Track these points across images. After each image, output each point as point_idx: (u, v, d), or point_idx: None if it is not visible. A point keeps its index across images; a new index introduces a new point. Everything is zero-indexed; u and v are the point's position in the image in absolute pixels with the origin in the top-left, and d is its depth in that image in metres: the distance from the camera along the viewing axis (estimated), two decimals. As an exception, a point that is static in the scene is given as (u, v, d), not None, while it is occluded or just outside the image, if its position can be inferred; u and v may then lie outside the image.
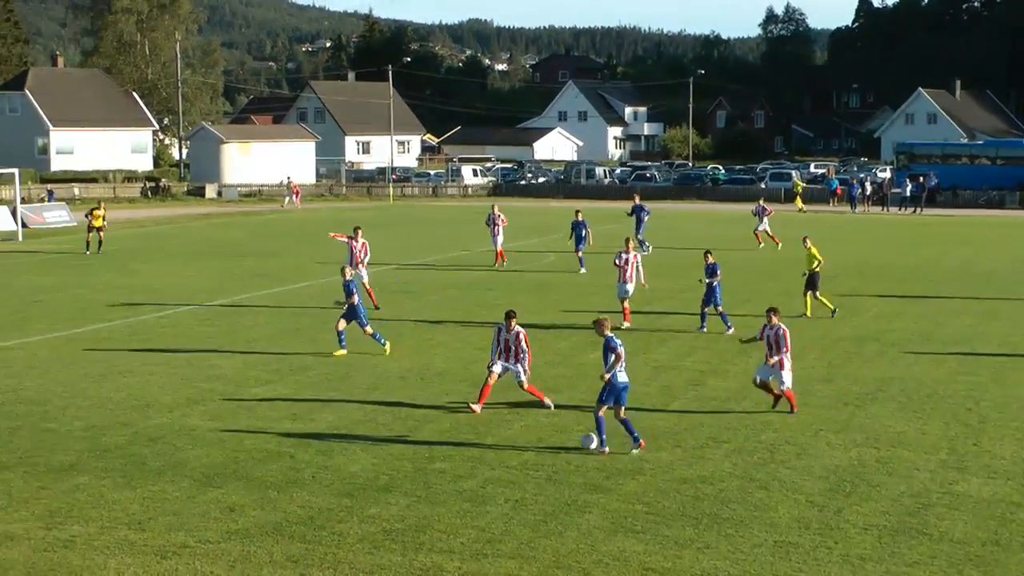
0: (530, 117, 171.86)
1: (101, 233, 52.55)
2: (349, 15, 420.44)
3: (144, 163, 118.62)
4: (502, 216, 47.04)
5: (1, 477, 18.04)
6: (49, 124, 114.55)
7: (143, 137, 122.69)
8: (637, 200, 52.33)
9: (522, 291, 39.02)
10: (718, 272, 30.92)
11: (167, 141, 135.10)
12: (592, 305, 34.50)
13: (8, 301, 37.67)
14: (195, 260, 49.05)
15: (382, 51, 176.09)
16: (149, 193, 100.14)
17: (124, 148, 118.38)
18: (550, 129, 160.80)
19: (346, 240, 35.65)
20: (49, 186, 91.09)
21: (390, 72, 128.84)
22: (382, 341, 27.93)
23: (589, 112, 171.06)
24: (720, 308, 30.98)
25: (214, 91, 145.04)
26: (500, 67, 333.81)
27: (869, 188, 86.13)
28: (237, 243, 57.55)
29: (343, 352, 27.72)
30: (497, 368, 22.13)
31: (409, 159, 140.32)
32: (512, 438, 20.27)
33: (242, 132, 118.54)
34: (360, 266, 35.19)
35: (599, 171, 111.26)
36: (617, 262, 32.40)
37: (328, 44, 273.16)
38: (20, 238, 60.74)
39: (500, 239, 46.54)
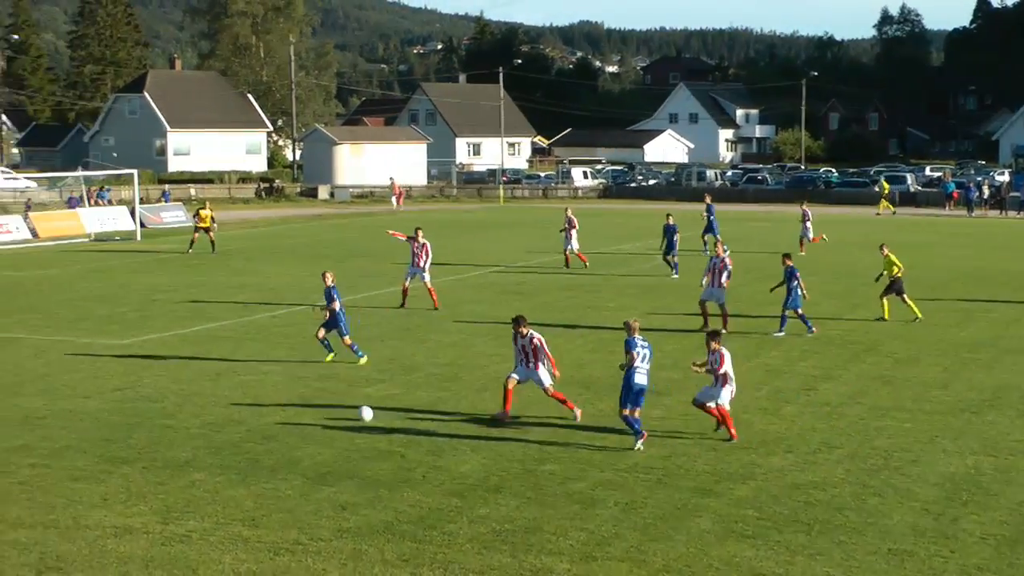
0: (641, 119, 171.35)
1: (211, 233, 53.29)
2: (460, 17, 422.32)
3: (258, 164, 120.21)
4: (575, 220, 46.74)
5: (121, 472, 18.37)
6: (167, 126, 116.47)
7: (257, 138, 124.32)
8: (708, 200, 52.42)
9: (630, 294, 38.90)
10: (796, 276, 30.62)
11: (281, 142, 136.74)
12: (694, 303, 34.26)
13: (127, 300, 38.35)
14: (307, 260, 49.53)
15: (493, 53, 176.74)
16: (263, 194, 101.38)
17: (239, 149, 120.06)
18: (661, 131, 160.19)
19: (405, 239, 35.89)
20: (166, 187, 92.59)
21: (501, 74, 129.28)
22: (359, 353, 26.84)
23: (700, 114, 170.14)
24: (800, 311, 30.66)
25: (327, 93, 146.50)
26: (611, 69, 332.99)
27: (986, 191, 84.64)
28: (348, 244, 58.03)
29: (332, 356, 26.91)
30: (515, 376, 21.73)
31: (519, 161, 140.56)
32: (622, 441, 20.21)
33: (354, 134, 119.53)
34: (421, 266, 35.58)
35: (710, 174, 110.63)
36: (711, 266, 32.14)
37: (439, 46, 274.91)
38: (139, 238, 61.81)
39: (574, 243, 46.26)
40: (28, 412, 22.32)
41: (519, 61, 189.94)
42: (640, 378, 19.91)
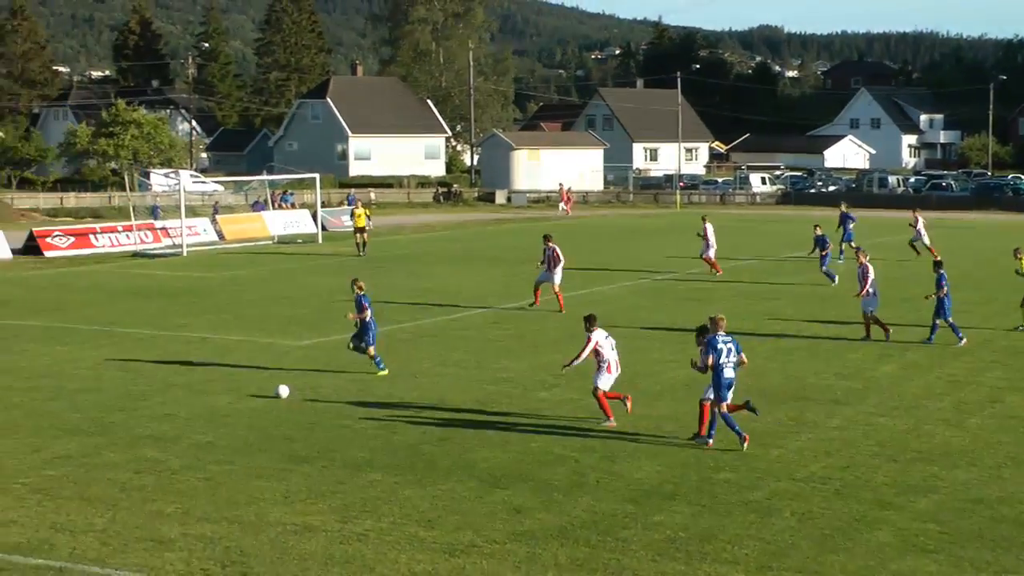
0: (821, 124, 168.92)
1: (365, 235, 54.26)
2: (639, 22, 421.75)
3: (437, 169, 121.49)
4: (711, 228, 46.27)
5: (301, 470, 18.71)
6: (348, 131, 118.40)
7: (436, 143, 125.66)
8: (843, 208, 51.69)
9: (809, 301, 38.36)
10: (944, 284, 29.86)
11: (459, 147, 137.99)
12: (882, 316, 33.67)
13: (308, 301, 39.08)
14: (485, 264, 49.89)
15: (671, 58, 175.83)
16: (441, 198, 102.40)
17: (418, 154, 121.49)
18: (841, 137, 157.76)
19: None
20: (351, 190, 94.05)
21: (678, 79, 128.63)
22: (381, 365, 26.19)
23: (882, 119, 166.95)
24: (949, 320, 29.87)
25: (505, 98, 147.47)
26: (790, 74, 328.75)
27: None
28: (524, 248, 58.23)
29: (385, 372, 26.16)
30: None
31: (696, 166, 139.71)
32: (799, 450, 19.95)
33: (531, 139, 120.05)
34: (553, 270, 36.33)
35: (892, 180, 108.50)
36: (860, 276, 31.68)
37: (617, 51, 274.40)
38: (320, 240, 62.94)
39: (711, 251, 45.84)
40: (214, 410, 22.88)
41: (697, 66, 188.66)
42: (728, 372, 20.10)
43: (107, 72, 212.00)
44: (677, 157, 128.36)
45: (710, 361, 20.09)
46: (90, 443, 20.36)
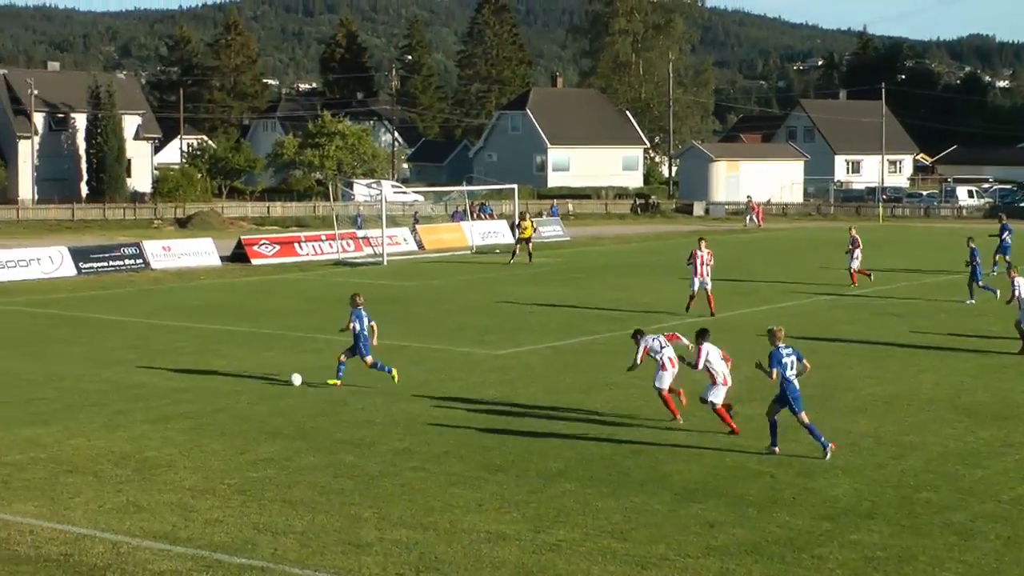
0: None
1: (529, 244, 54.67)
2: (842, 32, 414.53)
3: (635, 180, 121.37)
4: (859, 239, 46.72)
5: (496, 479, 18.85)
6: (547, 142, 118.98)
7: (634, 155, 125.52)
8: (1004, 220, 50.63)
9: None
10: None
11: (657, 159, 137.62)
12: None
13: (505, 311, 39.39)
14: (681, 276, 49.61)
15: (875, 68, 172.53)
16: (638, 210, 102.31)
17: (616, 165, 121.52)
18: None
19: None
20: (554, 201, 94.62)
21: (883, 90, 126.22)
22: (387, 369, 25.80)
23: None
24: None
25: (704, 110, 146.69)
26: (1001, 84, 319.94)
27: None
28: (721, 260, 57.78)
29: (337, 382, 25.88)
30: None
31: (900, 179, 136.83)
32: (1005, 471, 19.37)
33: (731, 150, 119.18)
34: (703, 275, 37.87)
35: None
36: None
37: (820, 62, 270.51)
38: (517, 251, 63.32)
39: (856, 262, 46.17)
40: (411, 417, 23.20)
41: (903, 77, 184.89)
42: (796, 383, 20.39)
43: (314, 85, 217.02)
44: (880, 169, 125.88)
45: (774, 376, 20.34)
46: (291, 447, 20.83)
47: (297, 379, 26.22)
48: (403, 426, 22.39)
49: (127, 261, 54.00)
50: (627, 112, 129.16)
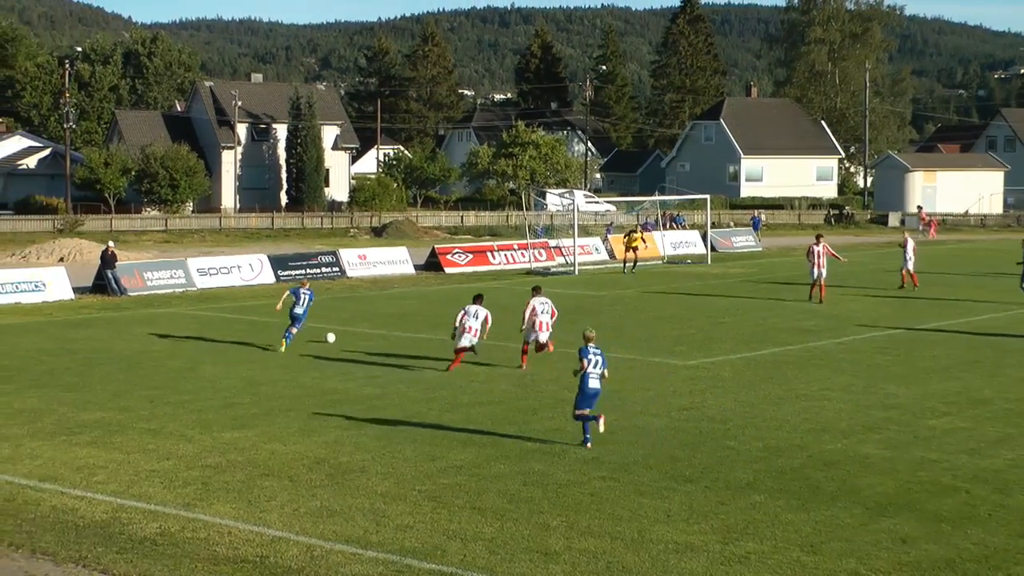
0: None
1: (636, 253, 55.07)
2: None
3: (828, 191, 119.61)
4: (911, 241, 49.09)
5: (684, 489, 18.74)
6: (740, 151, 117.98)
7: (829, 165, 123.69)
8: None
9: None
10: None
11: (852, 169, 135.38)
12: None
13: (695, 321, 39.17)
14: (873, 288, 48.71)
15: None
16: (832, 220, 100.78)
17: (810, 175, 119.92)
18: None
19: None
20: (757, 212, 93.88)
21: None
22: (287, 338, 32.89)
23: None
24: None
25: (901, 119, 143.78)
26: None
27: None
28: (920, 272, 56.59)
29: (284, 347, 32.63)
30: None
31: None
32: None
33: (927, 160, 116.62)
34: (820, 266, 43.50)
35: None
36: None
37: (1022, 71, 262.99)
38: (708, 261, 62.98)
39: (910, 264, 48.63)
40: (599, 426, 23.18)
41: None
42: (593, 383, 21.56)
43: (508, 95, 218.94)
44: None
45: (583, 365, 21.56)
46: (482, 454, 20.99)
47: (331, 337, 33.47)
48: (592, 435, 22.38)
49: (324, 269, 55.14)
50: (822, 122, 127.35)
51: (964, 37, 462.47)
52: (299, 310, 33.01)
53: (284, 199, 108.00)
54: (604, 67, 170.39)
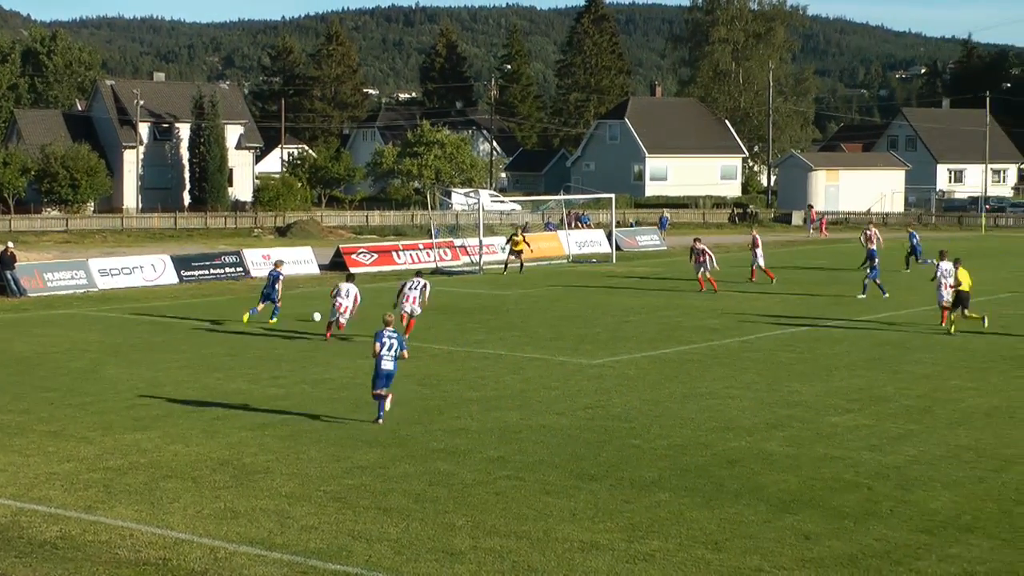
0: None
1: (521, 257, 55.04)
2: (947, 40, 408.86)
3: (733, 189, 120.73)
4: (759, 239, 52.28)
5: (589, 488, 18.82)
6: (645, 151, 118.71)
7: (733, 164, 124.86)
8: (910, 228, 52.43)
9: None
10: None
11: (756, 168, 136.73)
12: None
13: (601, 320, 39.35)
14: (775, 286, 49.21)
15: (980, 77, 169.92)
16: (736, 219, 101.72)
17: (714, 174, 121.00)
18: None
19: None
20: (665, 211, 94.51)
21: (987, 99, 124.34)
22: (252, 312, 37.34)
23: None
24: None
25: (804, 119, 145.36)
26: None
27: None
28: (818, 270, 57.34)
29: (246, 318, 36.89)
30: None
31: (1004, 189, 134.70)
32: (1108, 486, 19.00)
33: (830, 160, 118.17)
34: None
35: None
36: None
37: (923, 70, 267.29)
38: (614, 260, 63.29)
39: (760, 260, 51.30)
40: (506, 425, 23.25)
41: (1008, 85, 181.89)
42: (386, 364, 23.25)
43: (413, 94, 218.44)
44: (983, 179, 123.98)
45: (377, 349, 23.31)
46: (387, 454, 20.94)
47: (317, 316, 36.40)
48: (498, 435, 22.43)
49: (228, 269, 54.68)
50: (726, 121, 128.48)
51: (866, 37, 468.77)
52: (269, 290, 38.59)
53: (187, 199, 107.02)
54: (509, 66, 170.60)
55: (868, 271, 46.12)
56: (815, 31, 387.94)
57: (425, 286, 35.47)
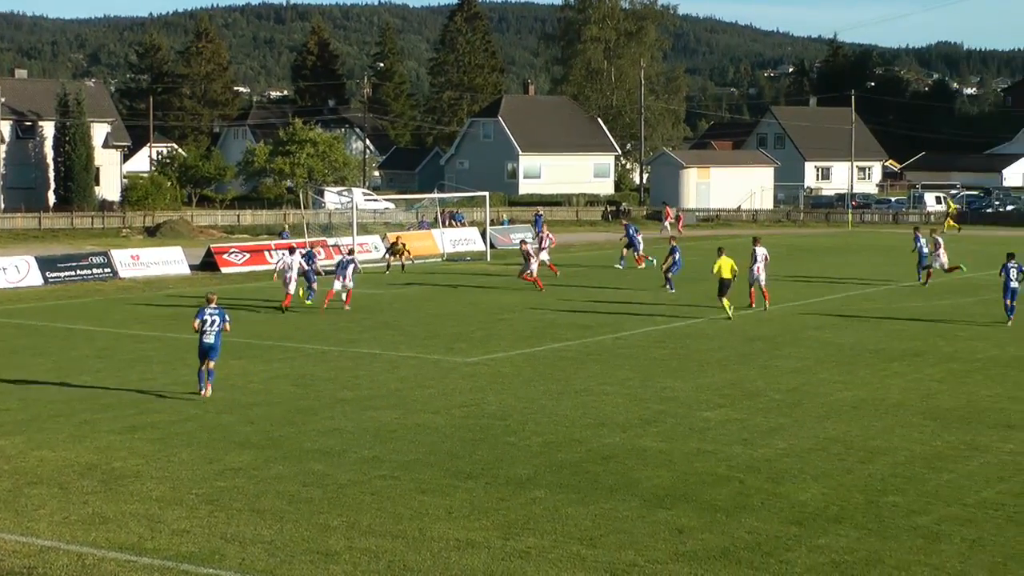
0: (1000, 143, 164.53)
1: (401, 257, 55.50)
2: (813, 40, 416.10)
3: (606, 187, 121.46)
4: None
5: (465, 486, 18.85)
6: (519, 149, 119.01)
7: (606, 162, 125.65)
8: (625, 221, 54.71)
9: (985, 323, 37.44)
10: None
11: (629, 166, 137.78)
12: None
13: (475, 318, 39.40)
14: (650, 283, 49.69)
15: (845, 75, 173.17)
16: (609, 217, 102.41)
17: (587, 172, 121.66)
18: (1021, 155, 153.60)
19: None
20: (539, 210, 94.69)
21: (853, 97, 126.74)
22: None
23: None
24: None
25: (676, 117, 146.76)
26: (969, 91, 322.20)
27: None
28: (691, 266, 57.94)
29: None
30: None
31: (869, 185, 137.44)
32: (970, 474, 19.48)
33: (701, 157, 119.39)
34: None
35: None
36: None
37: (791, 69, 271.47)
38: (488, 259, 63.39)
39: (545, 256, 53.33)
40: (381, 425, 23.19)
41: (872, 84, 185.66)
42: (207, 339, 25.56)
43: (285, 92, 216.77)
44: (849, 176, 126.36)
45: (196, 325, 25.62)
46: (261, 456, 20.78)
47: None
48: (373, 434, 22.37)
49: (95, 270, 53.74)
50: (599, 119, 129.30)
51: (735, 36, 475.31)
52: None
53: (52, 199, 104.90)
54: (382, 64, 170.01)
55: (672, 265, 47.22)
56: (686, 30, 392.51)
57: (354, 264, 41.48)
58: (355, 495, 18.37)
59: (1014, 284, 37.09)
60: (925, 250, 47.01)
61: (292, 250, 43.35)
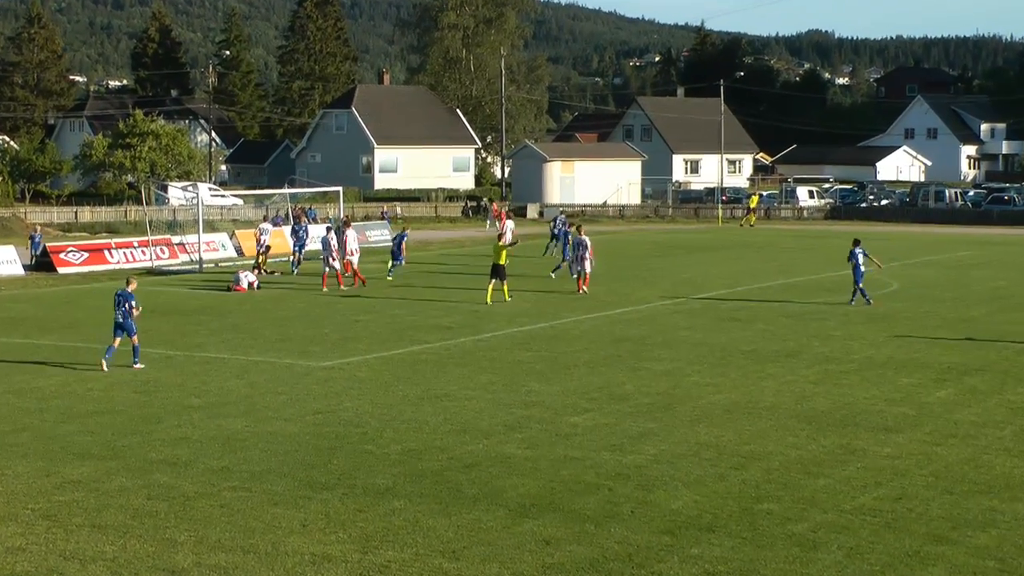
0: (873, 135, 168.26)
1: (263, 256, 55.18)
2: (680, 28, 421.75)
3: (466, 182, 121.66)
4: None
5: (320, 497, 18.71)
6: (374, 142, 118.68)
7: (466, 155, 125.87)
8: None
9: (860, 321, 38.19)
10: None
11: (489, 159, 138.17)
12: (932, 333, 33.64)
13: (329, 319, 39.16)
14: (512, 284, 49.85)
15: (714, 65, 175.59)
16: (470, 212, 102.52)
17: (446, 166, 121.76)
18: (895, 148, 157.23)
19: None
20: (384, 207, 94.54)
21: (721, 87, 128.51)
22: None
23: (939, 129, 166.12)
24: None
25: (538, 108, 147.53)
26: (841, 81, 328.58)
27: None
28: (550, 265, 58.23)
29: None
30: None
31: (740, 179, 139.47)
32: (847, 479, 19.81)
33: (565, 150, 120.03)
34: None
35: (949, 193, 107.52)
36: None
37: (657, 58, 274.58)
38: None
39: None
40: (230, 433, 22.93)
41: (741, 73, 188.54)
42: (118, 318, 29.49)
43: (125, 81, 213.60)
44: (719, 169, 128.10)
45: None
46: (102, 467, 20.43)
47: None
48: (222, 443, 22.11)
49: (-81, 271, 52.42)
50: (458, 111, 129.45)
51: (599, 24, 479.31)
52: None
53: None
54: (228, 52, 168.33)
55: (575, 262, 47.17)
56: (547, 17, 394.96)
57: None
58: (203, 508, 18.14)
59: (863, 268, 41.60)
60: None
61: (328, 228, 49.45)
